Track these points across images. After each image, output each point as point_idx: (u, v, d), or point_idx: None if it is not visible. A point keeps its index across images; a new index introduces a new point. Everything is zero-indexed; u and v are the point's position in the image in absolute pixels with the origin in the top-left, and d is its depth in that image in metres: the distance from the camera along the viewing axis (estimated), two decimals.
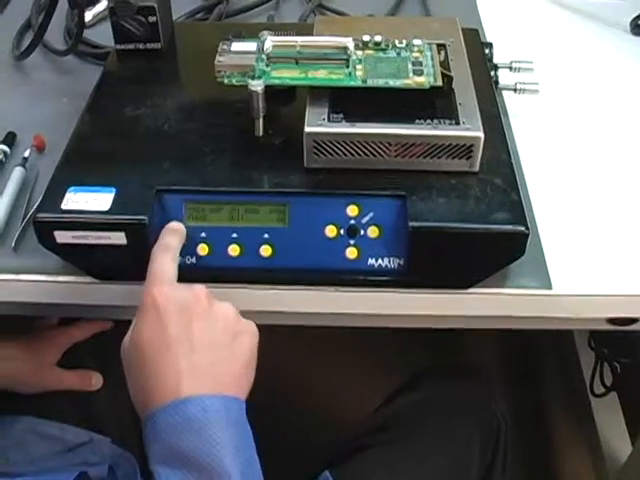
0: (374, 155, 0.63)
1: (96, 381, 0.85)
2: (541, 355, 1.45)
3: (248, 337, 0.57)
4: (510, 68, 0.81)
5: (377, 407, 0.91)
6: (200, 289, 0.56)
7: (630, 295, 0.64)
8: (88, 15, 0.95)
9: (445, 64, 0.68)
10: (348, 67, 0.65)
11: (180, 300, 0.55)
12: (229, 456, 0.51)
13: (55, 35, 0.93)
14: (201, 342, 0.54)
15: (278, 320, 0.64)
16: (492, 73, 0.79)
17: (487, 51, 0.81)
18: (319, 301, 0.65)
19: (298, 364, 1.29)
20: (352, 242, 0.62)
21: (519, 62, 0.81)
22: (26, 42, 0.90)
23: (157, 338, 0.54)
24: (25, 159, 0.75)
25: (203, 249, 0.63)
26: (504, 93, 0.82)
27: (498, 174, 0.64)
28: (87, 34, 0.91)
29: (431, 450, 0.82)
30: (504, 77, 0.81)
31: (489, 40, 0.88)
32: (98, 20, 0.97)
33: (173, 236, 0.60)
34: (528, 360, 1.46)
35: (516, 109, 0.81)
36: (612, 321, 0.70)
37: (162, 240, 0.60)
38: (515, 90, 0.80)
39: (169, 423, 0.51)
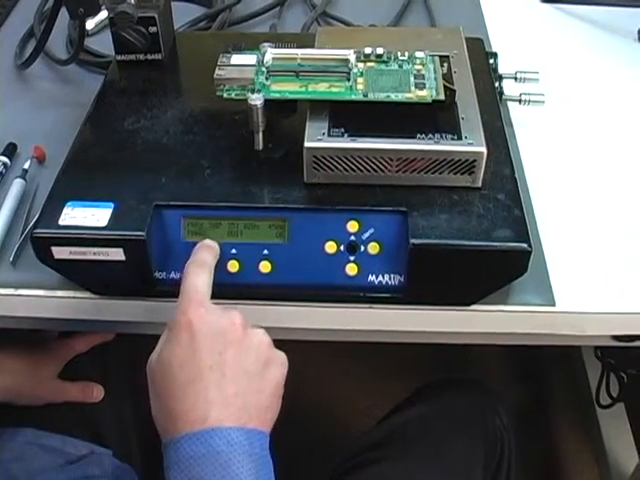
0: (375, 170, 0.62)
1: (97, 393, 0.84)
2: (547, 366, 1.44)
3: (278, 368, 0.56)
4: (515, 79, 0.80)
5: (381, 419, 0.90)
6: (236, 315, 0.55)
7: (635, 313, 0.63)
8: (90, 23, 0.95)
9: (448, 76, 0.67)
10: (349, 80, 0.64)
11: (215, 325, 0.54)
12: None
13: (57, 44, 0.93)
14: (233, 371, 0.53)
15: (278, 335, 0.63)
16: (497, 84, 0.78)
17: (492, 61, 0.80)
18: (319, 317, 0.65)
19: (303, 375, 1.28)
20: (352, 258, 0.61)
21: (524, 72, 0.80)
22: (28, 51, 0.90)
23: (189, 363, 0.53)
24: (25, 171, 0.74)
25: None
26: (509, 104, 0.81)
27: (501, 190, 0.63)
28: (89, 42, 0.91)
29: (434, 465, 0.81)
30: (509, 88, 0.80)
31: (495, 49, 0.87)
32: (100, 28, 0.97)
33: (207, 252, 0.59)
34: (533, 371, 1.46)
35: (521, 120, 0.80)
36: (617, 338, 0.69)
37: (196, 256, 0.59)
38: (520, 101, 0.79)
39: (193, 453, 0.51)
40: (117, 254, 0.60)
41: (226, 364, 0.53)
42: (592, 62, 0.92)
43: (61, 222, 0.60)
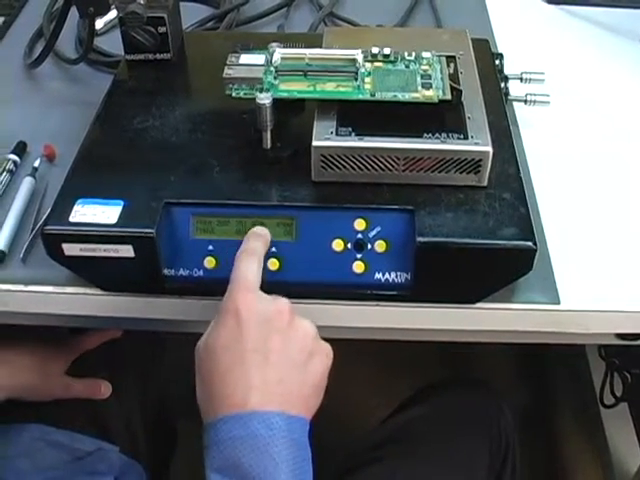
0: (382, 169, 0.62)
1: (105, 390, 0.85)
2: (551, 366, 1.44)
3: (323, 359, 0.56)
4: (521, 79, 0.81)
5: (384, 419, 0.90)
6: (284, 303, 0.56)
7: (639, 311, 0.63)
8: (99, 23, 0.95)
9: (454, 77, 0.68)
10: (357, 80, 0.65)
11: (262, 312, 0.54)
12: (283, 477, 0.50)
13: (66, 43, 0.94)
14: (276, 358, 0.53)
15: None
16: (502, 85, 0.79)
17: (497, 62, 0.80)
18: (326, 315, 0.65)
19: None
20: (359, 256, 0.62)
21: (530, 73, 0.81)
22: (38, 50, 0.91)
23: (233, 347, 0.53)
24: (35, 169, 0.75)
25: (210, 262, 0.63)
26: (514, 104, 0.82)
27: (507, 189, 0.63)
28: (98, 42, 0.92)
29: (438, 464, 0.82)
30: (515, 88, 0.80)
31: (500, 50, 0.88)
32: (109, 28, 0.97)
33: (258, 241, 0.60)
34: (537, 371, 1.46)
35: (526, 121, 0.81)
36: (621, 336, 0.69)
37: (247, 244, 0.59)
38: (525, 102, 0.80)
39: (232, 434, 0.51)
40: (127, 251, 0.61)
41: (270, 350, 0.53)
42: (597, 63, 0.92)
43: (72, 219, 0.61)
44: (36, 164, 0.76)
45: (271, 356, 0.53)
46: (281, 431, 0.51)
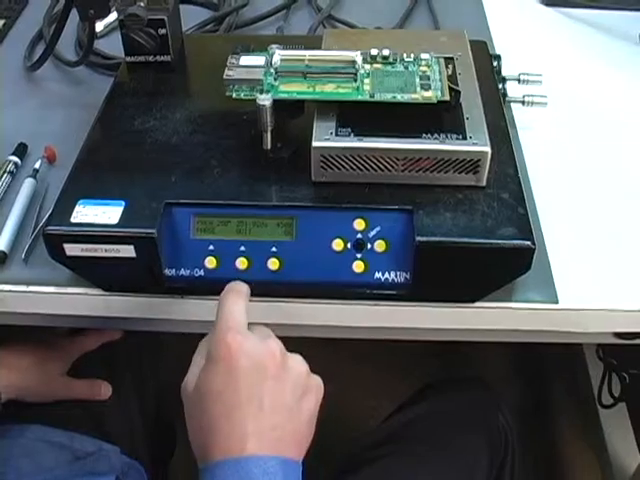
0: (381, 169, 0.63)
1: (105, 390, 0.85)
2: (549, 366, 1.44)
3: (314, 395, 0.56)
4: (518, 80, 0.81)
5: (384, 419, 0.91)
6: (275, 344, 0.55)
7: (637, 310, 0.64)
8: (99, 25, 0.96)
9: (453, 78, 0.68)
10: (356, 81, 0.65)
11: (254, 356, 0.53)
12: None
13: (66, 46, 0.94)
14: (271, 404, 0.53)
15: (285, 332, 0.64)
16: (500, 86, 0.79)
17: (495, 63, 0.81)
18: (326, 314, 0.66)
19: None
20: (359, 256, 0.62)
21: (527, 74, 0.81)
22: (37, 53, 0.91)
23: (227, 394, 0.53)
24: (36, 170, 0.75)
25: (211, 262, 0.63)
26: (512, 105, 0.82)
27: (505, 188, 0.64)
28: (98, 44, 0.92)
29: (438, 463, 0.82)
30: (512, 89, 0.81)
31: (498, 51, 0.88)
32: (109, 30, 0.98)
33: (241, 285, 0.59)
34: (535, 371, 1.46)
35: (524, 122, 0.82)
36: (619, 335, 0.70)
37: (232, 286, 0.59)
38: (523, 103, 0.80)
39: (228, 479, 0.51)
40: (128, 251, 0.61)
41: (264, 397, 0.53)
42: (594, 65, 0.93)
43: (73, 220, 0.61)
44: (37, 165, 0.76)
45: (265, 402, 0.53)
46: (276, 476, 0.51)
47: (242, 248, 0.63)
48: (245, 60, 0.68)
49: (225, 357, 0.53)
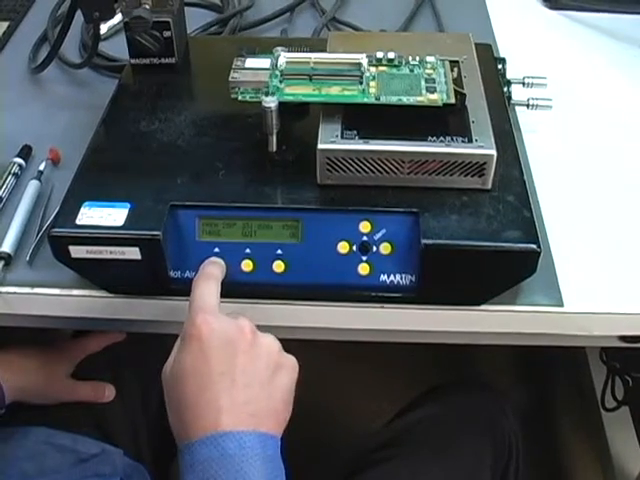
0: (387, 172, 0.63)
1: (109, 392, 0.85)
2: (552, 369, 1.44)
3: (288, 372, 0.57)
4: (523, 84, 0.81)
5: (388, 421, 0.91)
6: (244, 322, 0.56)
7: None
8: (103, 27, 0.96)
9: (458, 81, 0.68)
10: (361, 84, 0.65)
11: (224, 333, 0.55)
12: None
13: (71, 48, 0.94)
14: (243, 378, 0.54)
15: (290, 335, 0.65)
16: (505, 89, 0.79)
17: (500, 66, 0.81)
18: (331, 317, 0.66)
19: (310, 377, 1.29)
20: (364, 258, 0.62)
21: (532, 78, 0.81)
22: (42, 55, 0.91)
23: (199, 372, 0.54)
24: (40, 172, 0.75)
25: None
26: (517, 109, 0.82)
27: (510, 192, 0.64)
28: (102, 46, 0.92)
29: (443, 466, 0.82)
30: (517, 92, 0.81)
31: (502, 54, 0.88)
32: (114, 32, 0.98)
33: (214, 266, 0.61)
34: (539, 374, 1.46)
35: (529, 125, 0.82)
36: (624, 338, 0.70)
37: (204, 270, 0.60)
38: (528, 106, 0.80)
39: (206, 456, 0.51)
40: (133, 253, 0.61)
41: (236, 372, 0.54)
42: (598, 68, 0.93)
43: (78, 222, 0.61)
44: (41, 167, 0.76)
45: (238, 377, 0.54)
46: (254, 449, 0.52)
47: (247, 250, 0.63)
48: (251, 62, 0.68)
49: (196, 337, 0.54)
